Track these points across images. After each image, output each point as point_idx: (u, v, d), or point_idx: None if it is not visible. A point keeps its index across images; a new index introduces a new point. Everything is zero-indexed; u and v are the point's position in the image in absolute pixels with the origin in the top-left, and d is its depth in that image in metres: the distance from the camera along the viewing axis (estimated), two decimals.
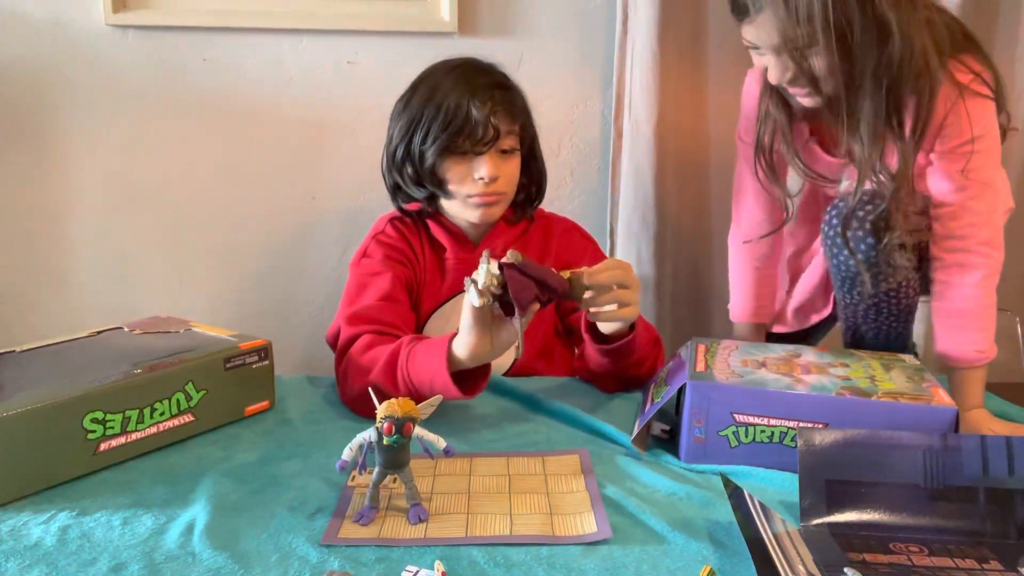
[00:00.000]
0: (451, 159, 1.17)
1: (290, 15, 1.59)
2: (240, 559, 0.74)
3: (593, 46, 1.67)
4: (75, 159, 1.63)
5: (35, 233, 1.66)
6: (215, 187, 1.67)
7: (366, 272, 1.23)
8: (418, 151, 1.18)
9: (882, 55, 1.04)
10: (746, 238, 1.37)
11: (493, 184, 1.17)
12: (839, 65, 1.05)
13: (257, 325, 1.75)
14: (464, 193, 1.19)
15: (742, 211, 1.37)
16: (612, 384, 1.19)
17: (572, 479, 0.90)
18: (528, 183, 1.28)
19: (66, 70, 1.58)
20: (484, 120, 1.14)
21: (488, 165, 1.16)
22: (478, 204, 1.19)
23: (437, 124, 1.15)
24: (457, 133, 1.14)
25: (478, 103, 1.14)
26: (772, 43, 1.07)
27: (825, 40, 1.02)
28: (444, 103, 1.15)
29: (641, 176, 1.65)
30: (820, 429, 0.86)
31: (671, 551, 0.76)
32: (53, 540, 0.78)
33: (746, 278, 1.40)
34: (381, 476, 0.83)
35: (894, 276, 1.16)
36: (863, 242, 1.14)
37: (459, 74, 1.18)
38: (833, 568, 0.71)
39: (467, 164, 1.17)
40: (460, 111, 1.14)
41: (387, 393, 1.01)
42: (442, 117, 1.14)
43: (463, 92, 1.15)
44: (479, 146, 1.15)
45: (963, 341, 1.13)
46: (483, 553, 0.75)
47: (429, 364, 1.01)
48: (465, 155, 1.17)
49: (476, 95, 1.14)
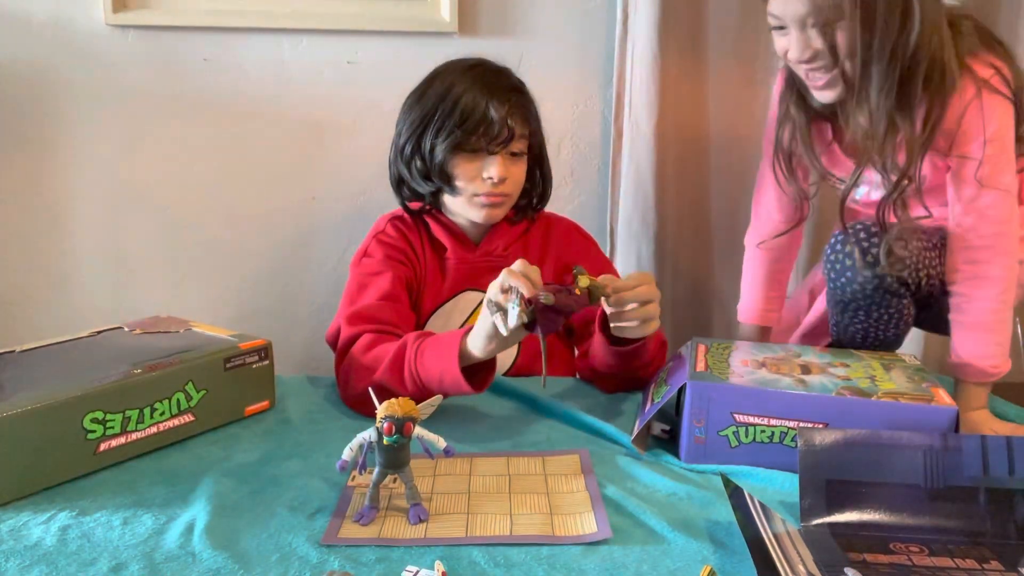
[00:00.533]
0: (462, 156, 1.18)
1: (290, 15, 1.59)
2: (240, 559, 0.74)
3: (593, 46, 1.67)
4: (75, 159, 1.63)
5: (35, 233, 1.66)
6: (215, 187, 1.67)
7: (366, 272, 1.23)
8: (429, 145, 1.18)
9: (901, 37, 1.04)
10: (761, 238, 1.36)
11: (501, 185, 1.19)
12: (860, 40, 1.04)
13: (257, 325, 1.75)
14: (471, 191, 1.20)
15: (760, 211, 1.36)
16: (614, 384, 1.19)
17: (572, 479, 0.90)
18: (531, 188, 1.29)
19: (66, 70, 1.58)
20: (501, 120, 1.16)
21: (498, 165, 1.17)
22: (484, 204, 1.20)
23: (452, 120, 1.16)
24: (472, 131, 1.16)
25: (496, 103, 1.16)
26: (799, 14, 1.06)
27: (851, 12, 1.02)
28: (461, 100, 1.16)
29: (641, 176, 1.65)
30: (820, 429, 0.86)
31: (671, 551, 0.76)
32: (53, 540, 0.78)
33: (756, 279, 1.39)
34: (381, 476, 0.83)
35: (890, 307, 1.15)
36: (861, 273, 1.13)
37: (477, 74, 1.19)
38: (833, 568, 0.71)
39: (477, 163, 1.18)
40: (478, 110, 1.15)
41: (393, 391, 1.02)
42: (458, 114, 1.16)
43: (481, 91, 1.16)
44: (493, 145, 1.17)
45: (979, 355, 1.11)
46: (483, 553, 0.75)
47: (439, 360, 1.01)
48: (477, 153, 1.18)
49: (495, 95, 1.16)
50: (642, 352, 1.11)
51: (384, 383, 1.04)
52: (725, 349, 1.07)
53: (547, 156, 1.30)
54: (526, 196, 1.29)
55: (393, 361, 1.05)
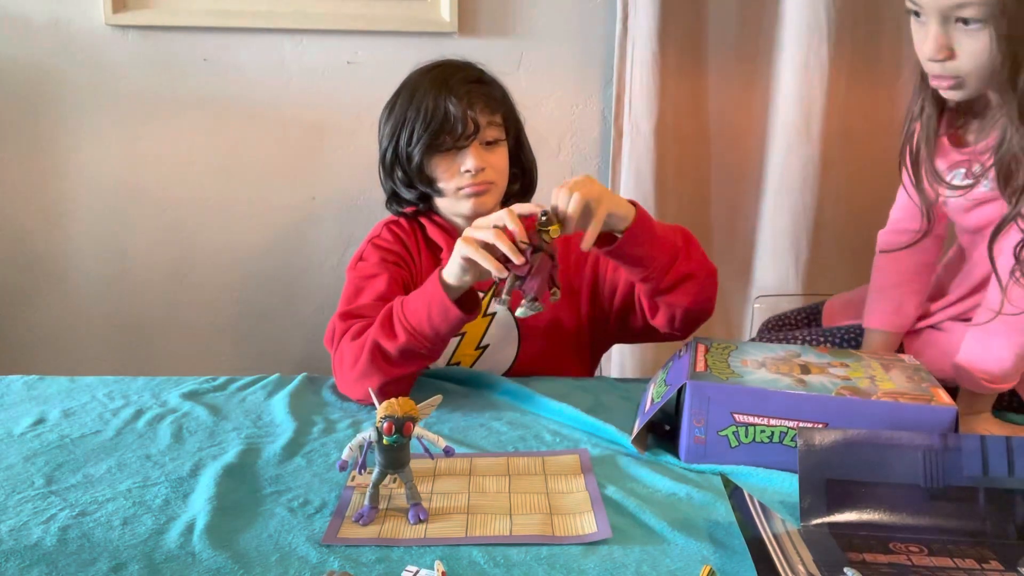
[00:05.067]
0: (436, 157, 1.21)
1: (290, 15, 1.59)
2: (240, 559, 0.74)
3: (593, 46, 1.67)
4: (75, 159, 1.63)
5: (35, 233, 1.66)
6: (215, 187, 1.67)
7: (362, 275, 1.23)
8: (405, 153, 1.22)
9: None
10: (882, 247, 1.25)
11: (480, 175, 1.20)
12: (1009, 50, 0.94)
13: (257, 325, 1.75)
14: (454, 187, 1.22)
15: (892, 216, 1.27)
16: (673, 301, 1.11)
17: (572, 479, 0.90)
18: (520, 173, 1.30)
19: (66, 70, 1.59)
20: (462, 115, 1.18)
21: (472, 157, 1.19)
22: (469, 194, 1.22)
23: (419, 125, 1.19)
24: (438, 131, 1.18)
25: (454, 99, 1.18)
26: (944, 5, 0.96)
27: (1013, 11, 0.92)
28: (423, 104, 1.19)
29: (641, 176, 1.65)
30: (820, 429, 0.86)
31: (671, 551, 0.76)
32: (53, 540, 0.78)
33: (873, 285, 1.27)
34: (381, 476, 0.83)
35: None
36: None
37: (435, 74, 1.22)
38: (833, 568, 0.71)
39: (452, 159, 1.21)
40: (439, 109, 1.18)
41: (387, 353, 1.05)
42: (423, 117, 1.19)
43: (440, 91, 1.19)
44: (460, 140, 1.19)
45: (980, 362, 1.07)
46: (483, 553, 0.75)
47: (422, 296, 1.05)
48: (449, 151, 1.20)
49: (452, 92, 1.18)
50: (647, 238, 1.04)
51: (377, 341, 1.06)
52: (725, 349, 1.07)
53: (526, 138, 1.31)
54: (517, 182, 1.29)
55: (383, 319, 1.08)
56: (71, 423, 1.04)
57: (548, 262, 0.97)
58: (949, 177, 1.12)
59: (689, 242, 1.11)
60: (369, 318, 1.14)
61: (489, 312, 1.26)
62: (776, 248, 1.73)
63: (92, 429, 1.03)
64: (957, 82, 1.01)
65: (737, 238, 1.78)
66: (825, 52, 1.63)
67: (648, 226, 1.04)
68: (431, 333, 1.05)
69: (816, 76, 1.64)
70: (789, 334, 1.39)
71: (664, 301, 1.11)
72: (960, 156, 1.11)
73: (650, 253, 1.06)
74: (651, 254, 1.06)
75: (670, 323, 1.15)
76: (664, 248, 1.06)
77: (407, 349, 1.05)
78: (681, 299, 1.10)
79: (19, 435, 1.01)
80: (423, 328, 1.04)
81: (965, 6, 0.94)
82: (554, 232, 0.96)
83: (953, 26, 0.97)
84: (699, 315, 1.14)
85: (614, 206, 1.00)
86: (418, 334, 1.05)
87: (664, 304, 1.12)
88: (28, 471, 0.91)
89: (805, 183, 1.69)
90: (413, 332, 1.05)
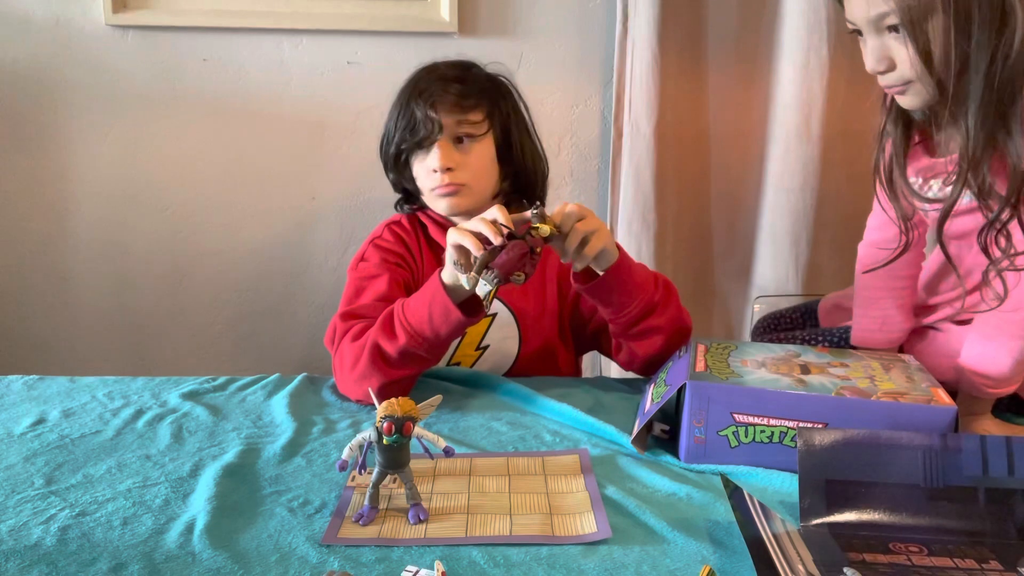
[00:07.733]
0: (412, 158, 1.24)
1: (290, 15, 1.59)
2: (240, 559, 0.74)
3: (593, 46, 1.67)
4: (75, 159, 1.63)
5: (35, 233, 1.67)
6: (215, 187, 1.67)
7: (363, 276, 1.23)
8: (389, 156, 1.26)
9: (1000, 42, 0.93)
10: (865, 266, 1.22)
11: (448, 174, 1.20)
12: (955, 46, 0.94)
13: (257, 325, 1.75)
14: (428, 187, 1.23)
15: (869, 233, 1.26)
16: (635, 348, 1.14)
17: (572, 479, 0.90)
18: (513, 170, 1.27)
19: (66, 70, 1.59)
20: (423, 116, 1.19)
21: (436, 155, 1.19)
22: (440, 195, 1.22)
23: (392, 127, 1.23)
24: (405, 133, 1.21)
25: (420, 100, 1.20)
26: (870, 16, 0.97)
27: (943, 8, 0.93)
28: (399, 108, 1.23)
29: (641, 176, 1.65)
30: (820, 429, 0.86)
31: (671, 551, 0.76)
32: (53, 540, 0.78)
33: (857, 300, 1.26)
34: (381, 476, 0.83)
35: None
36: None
37: (416, 76, 1.25)
38: (833, 568, 0.71)
39: (423, 160, 1.22)
40: (407, 112, 1.21)
41: (387, 354, 1.06)
42: (395, 120, 1.23)
43: (411, 93, 1.22)
44: (424, 142, 1.20)
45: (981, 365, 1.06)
46: (483, 553, 0.75)
47: (423, 297, 1.05)
48: (422, 152, 1.22)
49: (421, 93, 1.20)
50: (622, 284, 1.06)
51: (377, 342, 1.06)
52: (725, 349, 1.07)
53: (524, 136, 1.27)
54: (508, 179, 1.27)
55: (383, 320, 1.08)
56: (71, 423, 1.05)
57: (524, 248, 0.96)
58: (925, 189, 1.11)
59: (669, 296, 1.13)
60: (370, 319, 1.14)
61: (490, 313, 1.26)
62: (776, 248, 1.73)
63: (92, 429, 1.03)
64: (905, 88, 1.03)
65: (737, 238, 1.78)
66: (825, 52, 1.63)
67: (627, 273, 1.07)
68: (432, 335, 1.05)
69: (816, 76, 1.64)
70: (787, 334, 1.39)
71: (627, 345, 1.15)
72: (935, 165, 1.10)
73: (621, 300, 1.09)
74: (622, 301, 1.09)
75: (628, 364, 1.19)
76: (638, 297, 1.09)
77: (407, 351, 1.05)
78: (644, 349, 1.14)
79: (19, 435, 1.01)
80: (424, 330, 1.04)
81: (886, 15, 0.97)
82: (543, 231, 0.97)
83: (887, 36, 1.00)
84: (661, 364, 1.14)
85: (609, 244, 1.04)
86: (419, 336, 1.05)
87: (627, 347, 1.16)
88: (28, 471, 0.91)
89: (805, 183, 1.69)
90: (414, 334, 1.05)
